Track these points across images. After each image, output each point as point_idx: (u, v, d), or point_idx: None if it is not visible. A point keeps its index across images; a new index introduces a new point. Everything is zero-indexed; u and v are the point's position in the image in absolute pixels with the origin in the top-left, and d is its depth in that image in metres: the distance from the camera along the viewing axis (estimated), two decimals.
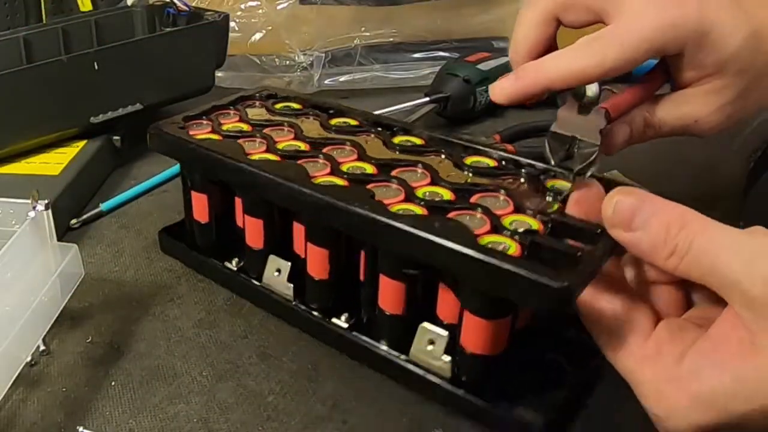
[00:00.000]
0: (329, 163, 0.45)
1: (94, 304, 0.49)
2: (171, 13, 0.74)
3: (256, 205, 0.46)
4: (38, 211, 0.42)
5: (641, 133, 0.44)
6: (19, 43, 0.66)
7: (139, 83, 0.67)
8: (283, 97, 0.56)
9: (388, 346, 0.42)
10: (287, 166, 0.44)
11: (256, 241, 0.47)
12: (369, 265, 0.42)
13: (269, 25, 0.85)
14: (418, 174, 0.44)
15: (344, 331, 0.44)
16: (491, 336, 0.37)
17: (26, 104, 0.60)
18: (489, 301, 0.37)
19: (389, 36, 0.90)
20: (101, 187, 0.65)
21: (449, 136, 0.49)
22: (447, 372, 0.39)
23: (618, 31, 0.40)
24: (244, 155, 0.45)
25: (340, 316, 0.44)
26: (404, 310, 0.41)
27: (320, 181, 0.42)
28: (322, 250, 0.43)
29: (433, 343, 0.40)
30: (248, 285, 0.48)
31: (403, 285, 0.40)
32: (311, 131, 0.50)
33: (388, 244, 0.39)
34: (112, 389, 0.42)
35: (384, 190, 0.42)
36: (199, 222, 0.50)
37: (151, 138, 0.49)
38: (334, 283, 0.44)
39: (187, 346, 0.45)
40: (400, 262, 0.39)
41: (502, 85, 0.43)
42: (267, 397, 0.41)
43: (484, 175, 0.44)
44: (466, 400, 0.39)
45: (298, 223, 0.45)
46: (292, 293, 0.46)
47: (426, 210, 0.40)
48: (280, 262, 0.46)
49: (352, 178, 0.43)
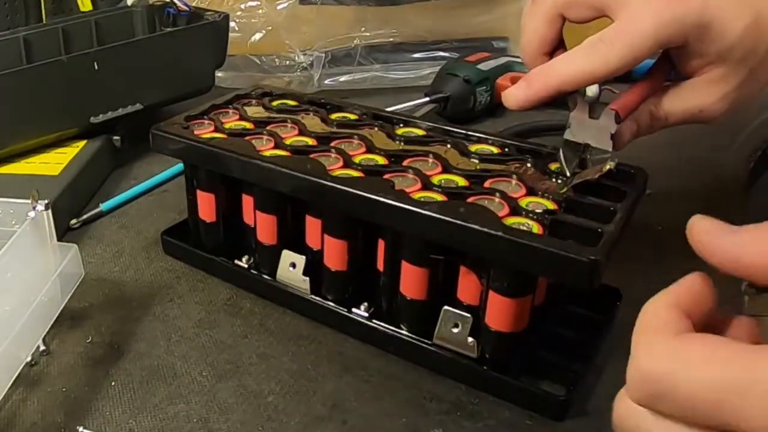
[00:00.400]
0: (341, 157, 0.46)
1: (94, 304, 0.49)
2: (171, 13, 0.74)
3: (269, 201, 0.47)
4: (38, 211, 0.42)
5: (648, 127, 0.45)
6: (19, 43, 0.66)
7: (139, 83, 0.67)
8: (278, 95, 0.57)
9: (409, 331, 0.43)
10: (304, 161, 0.45)
11: (268, 237, 0.48)
12: (389, 253, 0.43)
13: (269, 25, 0.85)
14: (429, 163, 0.46)
15: (365, 320, 0.45)
16: (516, 314, 0.39)
17: (26, 104, 0.60)
18: (515, 281, 0.38)
19: (389, 36, 0.90)
20: (101, 187, 0.65)
21: (447, 125, 0.51)
22: (474, 352, 0.41)
23: (622, 29, 0.41)
24: (257, 152, 0.46)
25: (360, 306, 0.45)
26: (427, 295, 0.42)
27: (337, 174, 0.43)
28: (341, 241, 0.44)
29: (457, 326, 0.41)
30: (262, 281, 0.49)
31: (425, 271, 0.41)
32: (314, 127, 0.51)
33: (415, 231, 0.40)
34: (112, 389, 0.42)
35: (401, 180, 0.43)
36: (205, 221, 0.50)
37: (155, 139, 0.49)
38: (351, 274, 0.45)
39: (187, 346, 0.45)
40: (423, 248, 0.41)
41: (514, 94, 0.44)
42: (267, 397, 0.41)
43: (491, 162, 0.46)
44: (493, 378, 0.40)
45: (313, 217, 0.45)
46: (309, 286, 0.46)
47: (445, 197, 0.41)
48: (294, 257, 0.47)
49: (366, 170, 0.44)
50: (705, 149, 0.69)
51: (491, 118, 0.80)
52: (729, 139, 0.72)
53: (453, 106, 0.77)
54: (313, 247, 0.46)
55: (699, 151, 0.69)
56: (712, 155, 0.69)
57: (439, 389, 0.42)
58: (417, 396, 0.41)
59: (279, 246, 0.47)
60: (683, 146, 0.72)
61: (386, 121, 0.52)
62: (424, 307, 0.42)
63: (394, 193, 0.40)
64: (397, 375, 0.43)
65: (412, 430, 0.39)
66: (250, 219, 0.49)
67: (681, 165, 0.68)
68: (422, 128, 0.51)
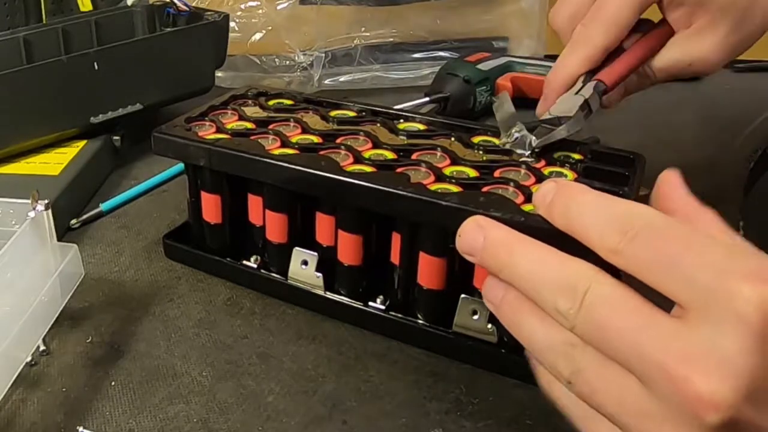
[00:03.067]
0: (351, 153, 0.46)
1: (94, 304, 0.49)
2: (171, 13, 0.74)
3: (279, 199, 0.47)
4: (38, 211, 0.42)
5: (636, 85, 0.46)
6: (19, 43, 0.65)
7: (139, 83, 0.67)
8: (273, 95, 0.57)
9: (426, 321, 0.44)
10: (317, 158, 0.45)
11: (279, 236, 0.48)
12: (406, 245, 0.43)
13: (269, 25, 0.85)
14: (437, 156, 0.46)
15: (383, 313, 0.45)
16: None
17: (26, 104, 0.60)
18: None
19: (389, 36, 0.90)
20: (101, 187, 0.64)
21: (447, 119, 0.52)
22: (494, 338, 0.42)
23: (596, 6, 0.42)
24: (267, 151, 0.46)
25: (375, 300, 0.46)
26: (445, 284, 0.43)
27: (350, 170, 0.44)
28: (356, 236, 0.44)
29: (476, 313, 0.42)
30: (273, 281, 0.49)
31: (444, 261, 0.42)
32: (316, 125, 0.51)
33: (437, 222, 0.40)
34: (112, 389, 0.42)
35: (414, 173, 0.44)
36: (210, 223, 0.51)
37: (157, 142, 0.49)
38: (365, 268, 0.45)
39: (187, 346, 0.45)
40: (442, 239, 0.41)
41: (539, 111, 0.47)
42: (267, 397, 0.41)
43: (495, 153, 0.47)
44: (515, 363, 0.40)
45: (324, 213, 0.46)
46: (323, 283, 0.47)
47: (460, 188, 0.42)
48: (306, 254, 0.47)
49: (378, 165, 0.45)
50: (705, 149, 0.69)
51: (491, 117, 0.80)
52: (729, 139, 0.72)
53: (453, 106, 0.77)
54: (323, 243, 0.47)
55: (699, 151, 0.70)
56: (712, 155, 0.69)
57: (439, 389, 0.42)
58: (417, 396, 0.41)
59: (289, 244, 0.48)
60: (683, 146, 0.72)
61: (386, 116, 0.52)
62: (442, 296, 0.43)
63: (413, 187, 0.41)
64: (397, 375, 0.43)
65: (412, 430, 0.39)
66: (257, 219, 0.49)
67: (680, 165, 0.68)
68: (423, 122, 0.52)
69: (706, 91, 0.86)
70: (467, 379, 0.42)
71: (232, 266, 0.51)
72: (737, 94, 0.86)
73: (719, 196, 0.61)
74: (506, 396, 0.41)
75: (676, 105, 0.82)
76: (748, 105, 0.81)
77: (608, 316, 0.26)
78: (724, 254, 0.25)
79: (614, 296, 0.27)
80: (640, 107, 0.72)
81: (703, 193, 0.33)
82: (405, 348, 0.45)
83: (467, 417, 0.40)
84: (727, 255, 0.25)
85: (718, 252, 0.25)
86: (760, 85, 0.91)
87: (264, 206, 0.48)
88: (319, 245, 0.47)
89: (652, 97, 0.85)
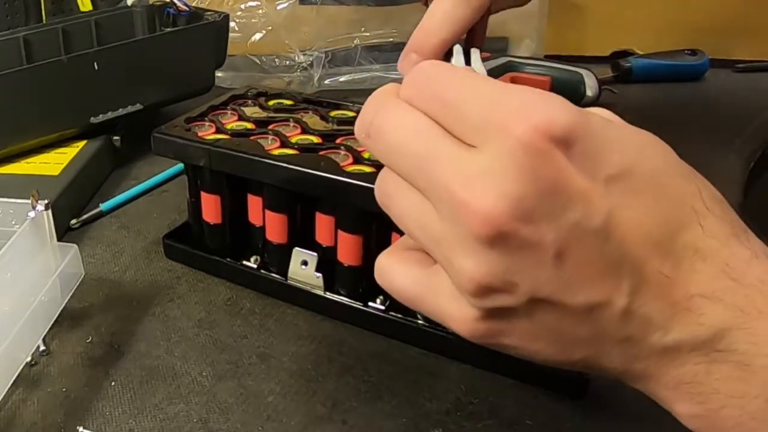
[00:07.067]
0: (350, 153, 0.46)
1: (94, 304, 0.49)
2: (171, 13, 0.74)
3: (279, 200, 0.47)
4: (38, 211, 0.42)
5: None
6: (19, 43, 0.66)
7: (139, 83, 0.67)
8: (273, 95, 0.57)
9: (426, 321, 0.44)
10: (316, 158, 0.45)
11: (278, 236, 0.48)
12: None
13: (269, 25, 0.85)
14: None
15: (383, 313, 0.45)
16: None
17: (26, 104, 0.60)
18: None
19: (389, 36, 0.90)
20: (101, 187, 0.65)
21: None
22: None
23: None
24: (267, 151, 0.46)
25: (375, 300, 0.46)
26: None
27: (350, 170, 0.44)
28: (355, 236, 0.44)
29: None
30: (273, 281, 0.49)
31: None
32: (316, 125, 0.51)
33: None
34: (112, 389, 0.42)
35: None
36: (210, 223, 0.51)
37: (158, 142, 0.49)
38: (365, 268, 0.45)
39: (187, 346, 0.45)
40: None
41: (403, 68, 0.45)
42: (267, 397, 0.41)
43: None
44: (514, 362, 0.40)
45: (324, 214, 0.46)
46: (323, 283, 0.47)
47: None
48: (306, 254, 0.47)
49: (377, 165, 0.45)
50: (705, 149, 0.69)
51: None
52: (729, 139, 0.72)
53: None
54: (323, 243, 0.47)
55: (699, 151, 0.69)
56: (712, 155, 0.69)
57: (439, 389, 0.42)
58: (417, 396, 0.41)
59: (289, 244, 0.48)
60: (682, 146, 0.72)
61: None
62: None
63: None
64: (397, 375, 0.43)
65: (412, 430, 0.39)
66: (257, 219, 0.49)
67: None
68: None
69: (706, 91, 0.87)
70: (467, 379, 0.42)
71: (232, 266, 0.51)
72: (737, 94, 0.86)
73: None
74: (506, 396, 0.41)
75: (676, 105, 0.82)
76: (748, 105, 0.82)
77: (396, 141, 0.28)
78: (494, 90, 0.27)
79: (401, 121, 0.28)
80: (639, 107, 0.72)
81: None
82: (405, 348, 0.45)
83: (467, 417, 0.40)
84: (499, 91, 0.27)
85: (488, 88, 0.27)
86: (760, 85, 0.91)
87: (264, 206, 0.48)
88: (319, 245, 0.47)
89: (652, 97, 0.85)
